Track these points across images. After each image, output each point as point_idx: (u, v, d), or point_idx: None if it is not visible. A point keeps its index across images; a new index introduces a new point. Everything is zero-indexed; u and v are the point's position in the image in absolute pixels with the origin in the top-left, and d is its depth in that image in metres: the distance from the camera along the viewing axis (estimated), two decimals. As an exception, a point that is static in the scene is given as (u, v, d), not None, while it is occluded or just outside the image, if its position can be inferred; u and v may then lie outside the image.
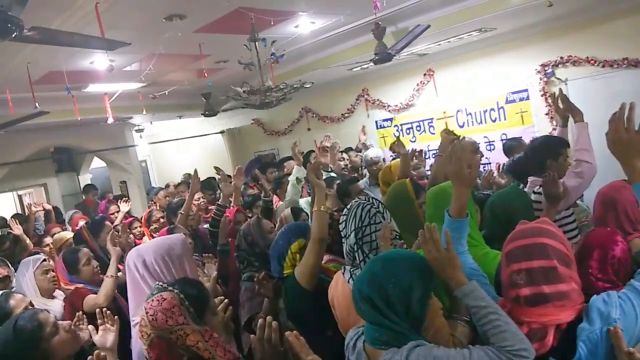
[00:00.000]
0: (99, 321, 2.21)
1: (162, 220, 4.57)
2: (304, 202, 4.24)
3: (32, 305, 2.60)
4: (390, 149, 3.98)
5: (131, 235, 3.90)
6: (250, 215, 4.33)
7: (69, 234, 4.45)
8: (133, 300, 2.25)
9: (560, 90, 3.15)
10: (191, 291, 1.86)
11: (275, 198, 4.76)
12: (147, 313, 1.77)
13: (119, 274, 3.42)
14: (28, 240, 4.74)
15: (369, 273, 1.55)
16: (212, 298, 2.00)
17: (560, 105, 3.03)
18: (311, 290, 2.28)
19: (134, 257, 2.26)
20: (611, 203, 2.39)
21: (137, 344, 2.24)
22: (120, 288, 3.24)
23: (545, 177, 2.41)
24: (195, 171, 4.19)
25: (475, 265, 1.79)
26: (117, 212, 5.69)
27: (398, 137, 3.99)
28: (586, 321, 1.40)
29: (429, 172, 4.61)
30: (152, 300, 1.80)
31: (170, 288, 1.84)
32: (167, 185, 7.33)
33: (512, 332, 1.41)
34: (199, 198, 5.23)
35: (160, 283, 1.92)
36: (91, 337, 2.20)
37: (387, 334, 1.47)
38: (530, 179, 2.84)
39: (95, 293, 2.96)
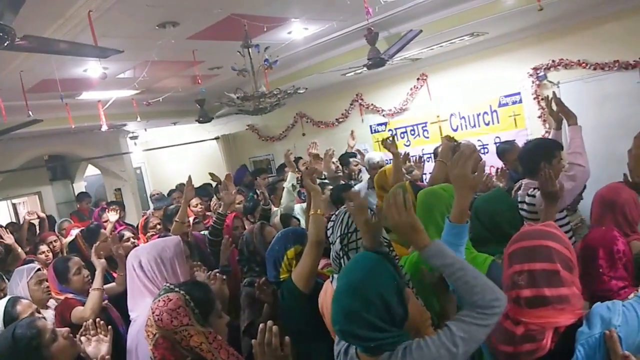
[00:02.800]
0: (92, 332, 2.20)
1: (158, 226, 4.57)
2: (298, 208, 4.25)
3: (39, 312, 2.59)
4: (383, 143, 3.99)
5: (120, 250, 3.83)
6: (252, 220, 4.34)
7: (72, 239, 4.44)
8: (131, 298, 2.41)
9: (554, 93, 3.17)
10: (197, 293, 1.89)
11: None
12: (153, 313, 1.81)
13: (110, 285, 3.41)
14: (20, 250, 4.69)
15: (340, 309, 1.47)
16: (218, 301, 2.01)
17: (554, 108, 3.04)
18: (308, 293, 2.29)
19: (133, 258, 2.44)
20: (609, 205, 2.39)
21: (130, 337, 2.31)
22: (112, 298, 3.23)
23: (541, 175, 2.40)
24: (190, 178, 4.18)
25: None
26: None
27: (393, 137, 4.00)
28: (586, 325, 1.40)
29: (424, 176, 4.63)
30: (159, 300, 1.84)
31: (176, 289, 1.88)
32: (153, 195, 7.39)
33: (480, 285, 1.45)
34: (197, 204, 5.24)
35: (168, 284, 1.95)
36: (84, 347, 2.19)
37: (379, 342, 1.45)
38: (523, 181, 2.85)
39: (84, 304, 2.93)
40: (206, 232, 4.19)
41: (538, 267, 1.46)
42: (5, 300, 2.57)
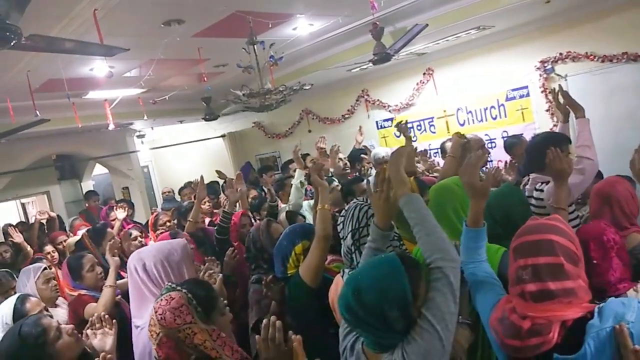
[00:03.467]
0: (97, 325, 2.22)
1: (168, 224, 4.58)
2: (305, 205, 4.25)
3: (47, 310, 2.63)
4: (397, 126, 3.98)
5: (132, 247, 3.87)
6: (259, 217, 4.34)
7: (78, 239, 4.43)
8: (134, 303, 2.32)
9: (560, 86, 3.14)
10: (199, 291, 1.89)
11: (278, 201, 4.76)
12: (156, 312, 1.81)
13: (123, 280, 3.43)
14: (29, 248, 4.74)
15: (344, 303, 1.50)
16: (220, 299, 2.02)
17: (561, 101, 3.02)
18: (315, 288, 2.30)
19: (135, 260, 2.34)
20: (606, 198, 2.40)
21: (138, 345, 2.26)
22: (125, 293, 3.26)
23: (549, 154, 2.36)
24: (202, 178, 4.20)
25: (490, 271, 1.80)
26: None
27: (406, 122, 3.98)
28: (598, 318, 1.38)
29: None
30: (161, 299, 1.85)
31: (178, 288, 1.89)
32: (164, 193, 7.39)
33: (430, 242, 1.58)
34: (205, 202, 5.25)
35: (170, 283, 1.95)
36: (90, 340, 2.22)
37: (385, 341, 1.48)
38: (531, 175, 2.83)
39: (98, 300, 2.96)
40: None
41: (541, 261, 1.46)
42: (15, 297, 2.60)
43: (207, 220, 4.91)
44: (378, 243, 1.76)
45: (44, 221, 5.86)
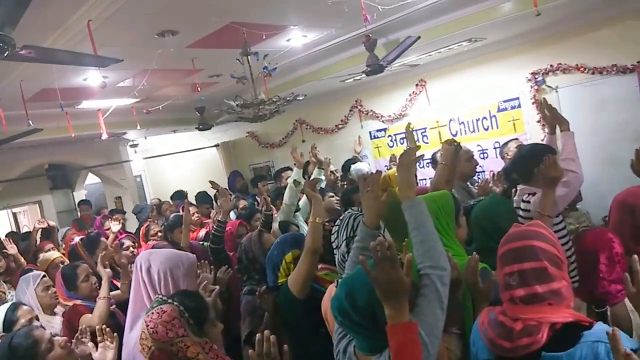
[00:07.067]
0: (99, 338, 2.22)
1: (160, 234, 4.56)
2: (301, 204, 4.26)
3: (38, 319, 2.64)
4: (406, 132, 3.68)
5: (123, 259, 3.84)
6: (249, 228, 4.34)
7: (55, 254, 4.28)
8: (131, 299, 2.33)
9: (544, 99, 3.17)
10: (190, 303, 1.89)
11: (273, 209, 4.77)
12: (147, 326, 1.80)
13: (117, 291, 3.42)
14: (23, 260, 4.69)
15: (335, 301, 1.56)
16: (212, 310, 2.02)
17: (547, 113, 3.05)
18: (303, 299, 2.32)
19: (143, 259, 2.34)
20: (629, 210, 2.38)
21: (129, 345, 2.22)
22: (119, 304, 3.24)
23: (545, 161, 2.38)
24: (188, 204, 4.20)
25: None
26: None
27: (409, 125, 3.64)
28: (601, 330, 1.41)
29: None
30: (152, 313, 1.83)
31: (169, 301, 1.88)
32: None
33: (423, 249, 1.63)
34: (194, 213, 5.24)
35: (160, 296, 1.95)
36: (91, 353, 2.22)
37: (375, 342, 1.50)
38: (519, 187, 2.85)
39: (92, 310, 2.95)
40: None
41: (527, 267, 1.52)
42: (6, 305, 2.63)
43: (203, 231, 4.90)
44: (365, 242, 1.80)
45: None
